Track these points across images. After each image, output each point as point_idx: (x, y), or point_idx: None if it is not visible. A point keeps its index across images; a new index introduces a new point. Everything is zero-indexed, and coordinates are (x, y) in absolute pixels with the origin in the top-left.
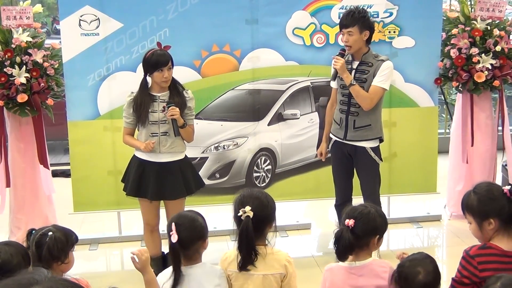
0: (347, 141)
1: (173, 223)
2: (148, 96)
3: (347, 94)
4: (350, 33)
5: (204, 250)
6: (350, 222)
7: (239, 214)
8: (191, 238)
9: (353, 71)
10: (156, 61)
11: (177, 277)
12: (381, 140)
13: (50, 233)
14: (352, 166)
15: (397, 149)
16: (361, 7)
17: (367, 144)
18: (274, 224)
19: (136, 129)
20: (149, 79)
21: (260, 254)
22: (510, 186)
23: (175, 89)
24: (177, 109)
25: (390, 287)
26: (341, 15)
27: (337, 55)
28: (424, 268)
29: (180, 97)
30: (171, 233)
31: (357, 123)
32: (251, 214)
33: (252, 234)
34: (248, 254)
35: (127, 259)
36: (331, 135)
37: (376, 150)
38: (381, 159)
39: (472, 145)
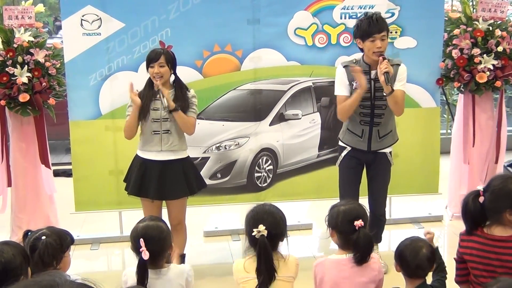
0: (371, 151)
1: (141, 239)
2: (151, 92)
3: (369, 106)
4: (383, 38)
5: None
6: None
7: (253, 234)
8: (160, 251)
9: (372, 81)
10: (148, 57)
11: None
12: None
13: (43, 237)
14: (362, 174)
15: (398, 150)
16: (376, 12)
17: (388, 150)
18: (286, 237)
19: (139, 126)
20: None
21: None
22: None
23: (180, 91)
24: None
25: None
26: (362, 24)
27: (383, 59)
28: (425, 243)
29: (184, 100)
30: (141, 249)
31: (381, 133)
32: (265, 233)
33: (270, 252)
34: (269, 276)
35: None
36: (344, 145)
37: (391, 152)
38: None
39: (473, 146)
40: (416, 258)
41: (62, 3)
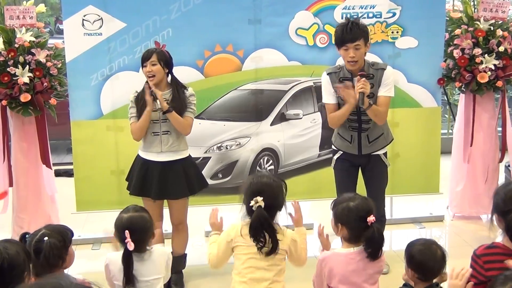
0: (362, 155)
1: (126, 231)
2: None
3: (355, 113)
4: (357, 47)
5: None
6: None
7: (250, 205)
8: (144, 239)
9: (355, 88)
10: (141, 57)
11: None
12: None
13: (45, 238)
14: (357, 175)
15: (399, 150)
16: (355, 18)
17: (381, 152)
18: (284, 205)
19: None
20: None
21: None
22: None
23: (177, 91)
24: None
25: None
26: (337, 30)
27: (362, 78)
28: (436, 243)
29: (180, 100)
30: (126, 241)
31: (371, 137)
32: (262, 204)
33: (269, 221)
34: (274, 243)
35: None
36: (336, 148)
37: (386, 154)
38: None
39: (471, 145)
40: (436, 263)
41: (64, 3)
